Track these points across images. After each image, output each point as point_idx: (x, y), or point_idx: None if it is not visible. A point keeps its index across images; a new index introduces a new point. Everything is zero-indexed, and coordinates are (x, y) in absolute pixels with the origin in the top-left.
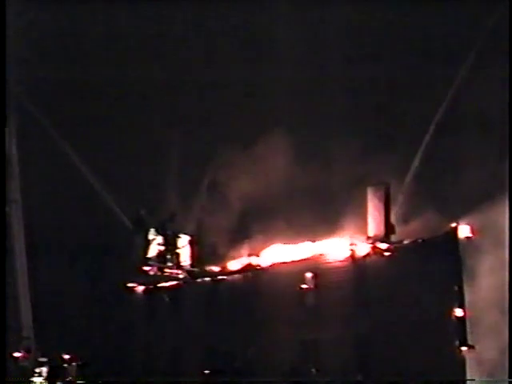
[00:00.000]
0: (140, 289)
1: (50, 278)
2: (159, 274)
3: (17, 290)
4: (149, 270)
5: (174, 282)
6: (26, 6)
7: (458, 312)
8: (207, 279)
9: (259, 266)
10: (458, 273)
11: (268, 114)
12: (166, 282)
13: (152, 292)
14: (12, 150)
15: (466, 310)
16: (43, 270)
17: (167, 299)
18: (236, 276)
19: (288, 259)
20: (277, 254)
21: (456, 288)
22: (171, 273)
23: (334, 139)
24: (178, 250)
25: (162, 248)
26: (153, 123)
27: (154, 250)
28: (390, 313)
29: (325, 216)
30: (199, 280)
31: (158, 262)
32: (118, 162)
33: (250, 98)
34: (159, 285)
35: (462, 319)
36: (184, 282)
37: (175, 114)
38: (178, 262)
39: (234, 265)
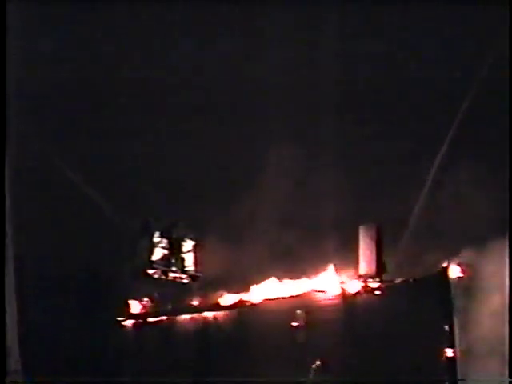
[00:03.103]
0: (130, 322)
1: (38, 307)
2: (163, 277)
3: (4, 320)
4: (153, 274)
5: (164, 317)
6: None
7: (449, 352)
8: (197, 314)
9: (250, 302)
10: (449, 313)
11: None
12: (156, 316)
13: (142, 325)
14: (5, 180)
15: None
16: (32, 299)
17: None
18: (226, 312)
19: (279, 296)
20: (268, 290)
21: (447, 328)
22: (175, 277)
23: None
24: (182, 255)
25: (167, 252)
26: (156, 128)
27: (158, 254)
28: (380, 352)
29: (316, 253)
30: (188, 316)
31: (163, 266)
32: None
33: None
34: (149, 319)
35: (452, 359)
36: (174, 314)
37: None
38: (183, 267)
39: (224, 300)
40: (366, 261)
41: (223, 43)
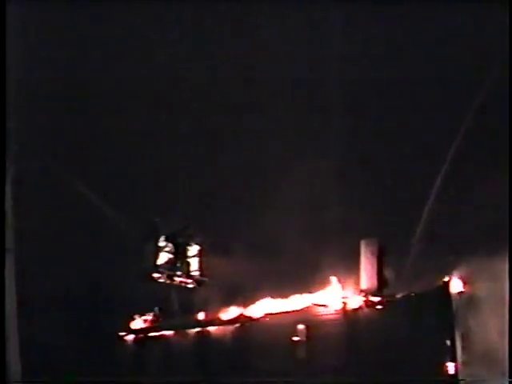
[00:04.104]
0: (130, 337)
1: (40, 319)
2: (169, 281)
3: (6, 336)
4: (158, 278)
5: (166, 332)
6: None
7: (450, 367)
8: (197, 329)
9: (251, 316)
10: (451, 327)
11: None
12: (157, 331)
13: (143, 341)
14: (7, 195)
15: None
16: (34, 316)
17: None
18: (227, 326)
19: (280, 310)
20: (268, 305)
21: (448, 343)
22: (180, 281)
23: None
24: (187, 259)
25: (172, 256)
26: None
27: (163, 258)
28: (382, 366)
29: (317, 267)
30: (188, 331)
31: (168, 270)
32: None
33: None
34: (150, 334)
35: (454, 374)
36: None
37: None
38: (188, 271)
39: (225, 315)
40: (367, 275)
41: (224, 42)
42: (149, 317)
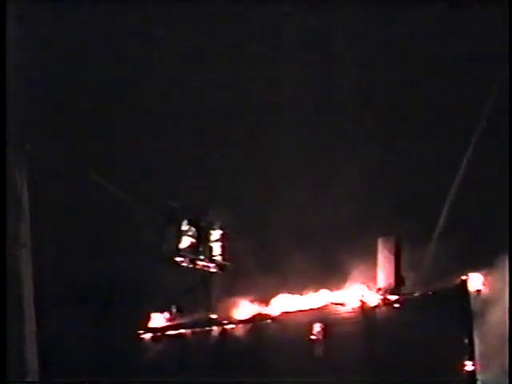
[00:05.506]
0: (148, 336)
1: (58, 324)
2: (191, 266)
3: (24, 333)
4: (181, 262)
5: (182, 330)
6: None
7: (469, 365)
8: (214, 328)
9: (268, 315)
10: (469, 325)
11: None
12: (174, 329)
13: (160, 340)
14: (23, 190)
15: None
16: (51, 315)
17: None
18: (244, 325)
19: (297, 309)
20: (286, 303)
21: (466, 341)
22: (203, 265)
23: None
24: (210, 244)
25: (194, 240)
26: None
27: (186, 242)
28: (399, 364)
29: (334, 265)
30: (206, 328)
31: (190, 254)
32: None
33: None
34: (167, 332)
35: (472, 372)
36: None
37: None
38: (211, 255)
39: (242, 314)
40: (384, 273)
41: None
42: (166, 315)
